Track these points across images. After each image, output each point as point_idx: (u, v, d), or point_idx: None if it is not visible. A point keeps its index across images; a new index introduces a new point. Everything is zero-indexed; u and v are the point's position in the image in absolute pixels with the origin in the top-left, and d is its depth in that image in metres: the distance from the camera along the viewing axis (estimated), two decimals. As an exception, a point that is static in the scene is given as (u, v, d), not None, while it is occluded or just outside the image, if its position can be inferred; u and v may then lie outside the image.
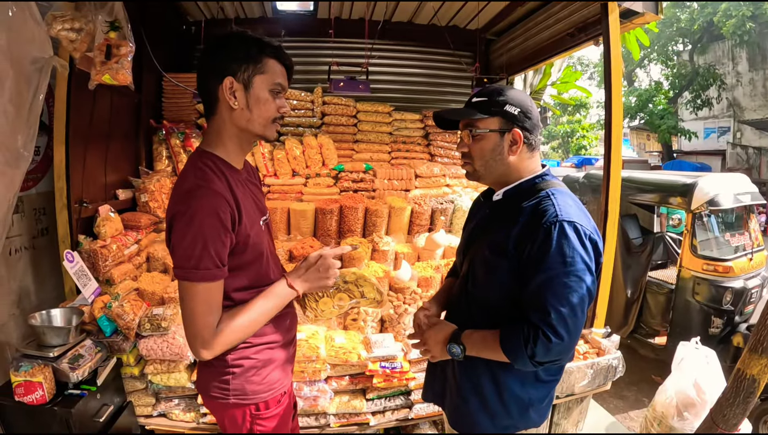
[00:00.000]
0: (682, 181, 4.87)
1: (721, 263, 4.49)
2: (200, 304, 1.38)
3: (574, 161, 17.88)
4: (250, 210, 1.51)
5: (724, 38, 19.61)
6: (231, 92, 1.44)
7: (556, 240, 1.41)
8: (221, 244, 1.37)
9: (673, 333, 4.68)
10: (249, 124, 1.48)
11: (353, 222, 4.04)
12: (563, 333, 1.40)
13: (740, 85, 20.11)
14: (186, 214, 1.34)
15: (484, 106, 1.57)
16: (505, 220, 1.56)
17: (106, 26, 2.51)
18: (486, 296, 1.62)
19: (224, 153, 1.51)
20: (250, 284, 1.53)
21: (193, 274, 1.35)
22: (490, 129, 1.56)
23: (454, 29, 5.11)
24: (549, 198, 1.50)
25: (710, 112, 20.79)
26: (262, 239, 1.56)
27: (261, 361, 1.57)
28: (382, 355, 2.77)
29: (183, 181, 1.43)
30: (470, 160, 1.62)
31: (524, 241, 1.46)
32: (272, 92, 1.48)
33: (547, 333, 1.39)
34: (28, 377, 2.20)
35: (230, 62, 1.44)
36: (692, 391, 2.84)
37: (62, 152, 2.87)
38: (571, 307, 1.40)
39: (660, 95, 20.10)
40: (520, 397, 1.61)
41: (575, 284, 1.40)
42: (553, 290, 1.41)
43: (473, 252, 1.67)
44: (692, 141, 19.33)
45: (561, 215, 1.43)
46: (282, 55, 1.51)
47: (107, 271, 3.01)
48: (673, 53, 22.01)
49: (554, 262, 1.41)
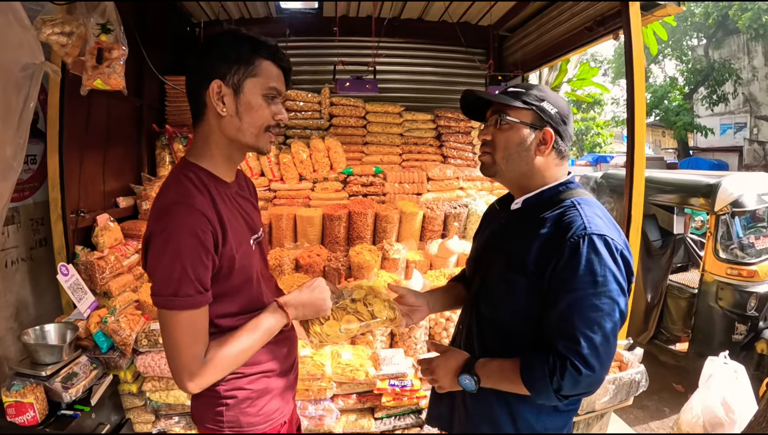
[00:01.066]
0: (705, 181, 4.70)
1: (745, 267, 4.31)
2: (184, 335, 1.24)
3: (589, 159, 17.74)
4: (238, 228, 1.37)
5: (739, 32, 19.39)
6: (219, 97, 1.29)
7: (585, 256, 1.25)
8: (202, 267, 1.23)
9: (695, 339, 4.53)
10: (239, 133, 1.33)
11: (362, 228, 3.91)
12: (595, 364, 1.23)
13: (756, 79, 19.89)
14: (162, 234, 1.21)
15: (520, 95, 1.42)
16: (524, 231, 1.40)
17: (97, 29, 2.40)
18: (501, 319, 1.45)
19: (211, 165, 1.37)
20: (239, 311, 1.39)
21: (173, 302, 1.21)
22: (521, 120, 1.41)
23: (465, 25, 4.97)
24: (575, 208, 1.34)
25: (726, 107, 20.58)
26: (251, 261, 1.41)
27: (256, 392, 1.43)
28: (391, 372, 2.64)
29: (161, 196, 1.29)
30: (491, 150, 1.46)
31: (547, 257, 1.30)
32: (266, 97, 1.32)
33: (577, 364, 1.23)
34: (18, 397, 2.14)
35: (219, 64, 1.29)
36: (720, 410, 2.70)
37: (56, 161, 2.79)
38: (603, 334, 1.24)
39: (675, 91, 19.88)
40: (535, 427, 1.45)
41: (607, 307, 1.24)
42: (582, 314, 1.24)
43: (486, 267, 1.51)
44: (708, 137, 19.10)
45: (590, 228, 1.27)
46: (278, 55, 1.35)
47: (105, 284, 2.92)
48: (688, 48, 21.75)
49: (583, 282, 1.24)
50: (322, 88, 4.64)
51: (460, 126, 4.83)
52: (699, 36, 21.39)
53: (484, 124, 1.51)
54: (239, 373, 1.38)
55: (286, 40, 4.60)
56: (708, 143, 20.95)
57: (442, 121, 4.82)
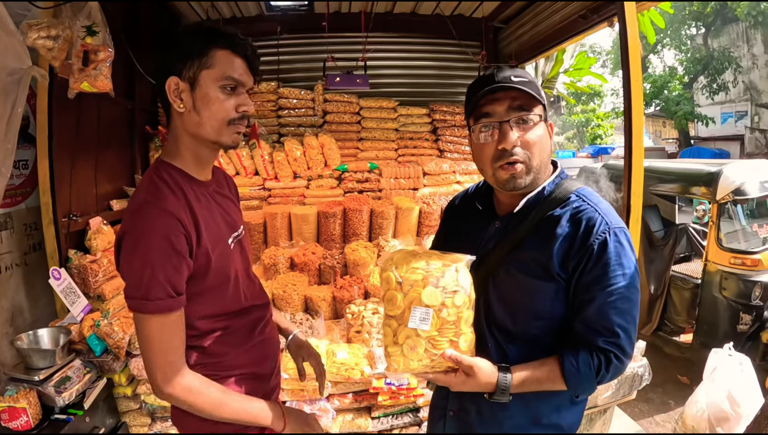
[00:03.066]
0: (706, 169, 4.66)
1: (749, 256, 4.26)
2: (157, 339, 1.20)
3: (590, 151, 17.67)
4: (215, 228, 1.33)
5: (738, 20, 19.34)
6: (177, 94, 1.25)
7: (614, 252, 1.23)
8: (173, 271, 1.19)
9: (700, 330, 4.50)
10: (199, 128, 1.28)
11: (358, 225, 3.87)
12: (631, 351, 1.28)
13: (756, 67, 19.82)
14: (133, 235, 1.18)
15: (534, 87, 1.27)
16: (537, 235, 1.31)
17: (83, 31, 2.38)
18: (527, 330, 1.33)
19: (183, 164, 1.33)
20: (216, 312, 1.35)
21: (144, 306, 1.18)
22: (540, 115, 1.29)
23: (459, 18, 4.92)
24: (584, 202, 1.29)
25: (727, 96, 20.52)
26: (229, 261, 1.37)
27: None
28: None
29: (135, 197, 1.26)
30: (524, 159, 1.27)
31: (575, 258, 1.25)
32: (224, 89, 1.26)
33: (620, 356, 1.26)
34: (11, 403, 2.14)
35: (175, 60, 1.26)
36: (726, 403, 2.65)
37: (46, 165, 2.76)
38: (634, 322, 1.27)
39: (675, 81, 19.80)
40: (559, 424, 1.41)
41: (635, 296, 1.26)
42: (617, 308, 1.23)
43: (487, 275, 1.36)
44: (709, 126, 19.05)
45: (611, 223, 1.25)
46: (236, 43, 1.28)
47: (98, 287, 2.89)
48: (687, 37, 21.63)
49: (616, 277, 1.23)
50: (315, 85, 4.61)
51: (455, 119, 4.80)
52: (697, 25, 21.28)
53: (491, 120, 1.29)
54: (214, 375, 1.34)
55: (277, 38, 4.57)
56: (709, 132, 20.88)
57: (438, 115, 4.78)
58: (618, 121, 23.15)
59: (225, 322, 1.37)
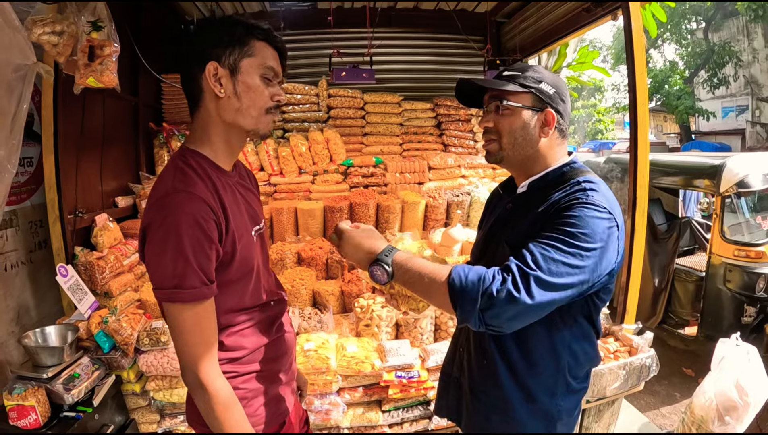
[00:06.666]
0: (709, 162, 4.64)
1: (753, 248, 4.25)
2: (193, 332, 1.19)
3: (591, 146, 17.67)
4: (240, 219, 1.32)
5: (738, 14, 19.27)
6: (216, 79, 1.25)
7: (575, 212, 1.23)
8: (206, 258, 1.18)
9: (704, 323, 4.48)
10: (238, 115, 1.28)
11: (364, 219, 3.86)
12: (525, 286, 1.14)
13: (757, 61, 19.77)
14: (163, 224, 1.15)
15: (516, 78, 1.39)
16: (529, 211, 1.36)
17: (88, 27, 2.36)
18: None
19: (211, 152, 1.32)
20: (239, 306, 1.34)
21: (178, 295, 1.16)
22: (522, 104, 1.38)
23: (462, 13, 4.93)
24: (582, 188, 1.31)
25: (727, 90, 20.47)
26: (252, 253, 1.36)
27: (251, 391, 1.38)
28: (397, 364, 2.59)
29: (160, 185, 1.24)
30: (496, 138, 1.42)
31: (543, 220, 1.28)
32: (263, 78, 1.29)
33: (513, 277, 1.14)
34: (20, 401, 2.12)
35: (213, 46, 1.25)
36: (734, 392, 2.63)
37: (52, 162, 2.75)
38: (554, 272, 1.16)
39: (675, 75, 19.74)
40: (550, 410, 1.41)
41: (574, 259, 1.18)
42: (543, 245, 1.19)
43: (491, 254, 1.45)
44: (710, 121, 19.01)
45: (589, 198, 1.25)
46: (272, 37, 1.32)
47: (105, 284, 2.88)
48: (687, 32, 21.57)
49: (562, 229, 1.21)
50: (320, 81, 4.61)
51: (459, 114, 4.80)
52: (698, 19, 21.21)
53: (483, 110, 1.49)
54: (233, 371, 1.33)
55: (281, 34, 4.53)
56: (710, 127, 20.85)
57: (442, 110, 4.78)
58: (619, 116, 23.13)
59: (246, 316, 1.36)
